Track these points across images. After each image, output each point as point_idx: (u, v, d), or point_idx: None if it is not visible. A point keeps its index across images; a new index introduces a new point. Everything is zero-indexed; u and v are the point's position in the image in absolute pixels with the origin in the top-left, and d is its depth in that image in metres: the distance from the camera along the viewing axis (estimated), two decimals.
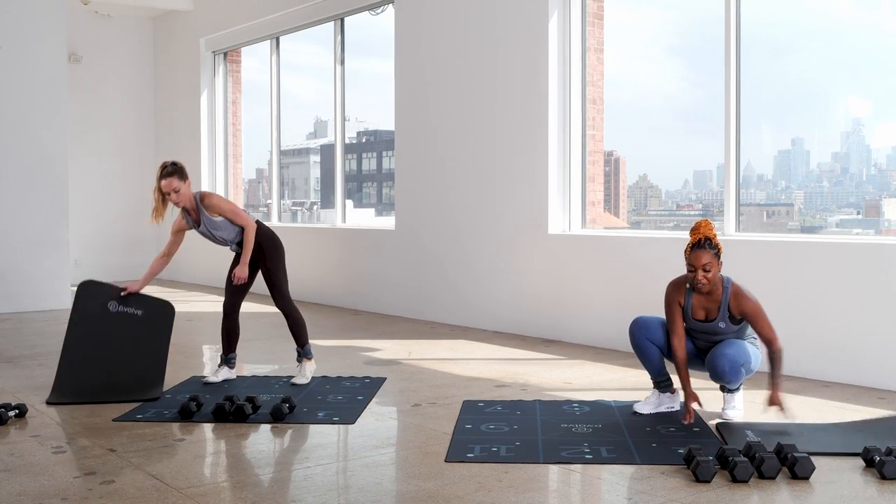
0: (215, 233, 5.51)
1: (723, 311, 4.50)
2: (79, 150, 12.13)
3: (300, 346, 5.64)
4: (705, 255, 4.40)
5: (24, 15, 9.52)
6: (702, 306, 4.54)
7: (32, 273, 9.55)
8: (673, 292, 4.59)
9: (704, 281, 4.40)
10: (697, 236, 4.46)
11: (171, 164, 5.46)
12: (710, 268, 4.40)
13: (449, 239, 8.24)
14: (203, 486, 3.65)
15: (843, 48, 6.57)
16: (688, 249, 4.46)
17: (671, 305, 4.58)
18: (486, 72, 7.80)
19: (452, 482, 3.64)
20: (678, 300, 4.57)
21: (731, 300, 4.48)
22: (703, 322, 4.55)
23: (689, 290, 4.55)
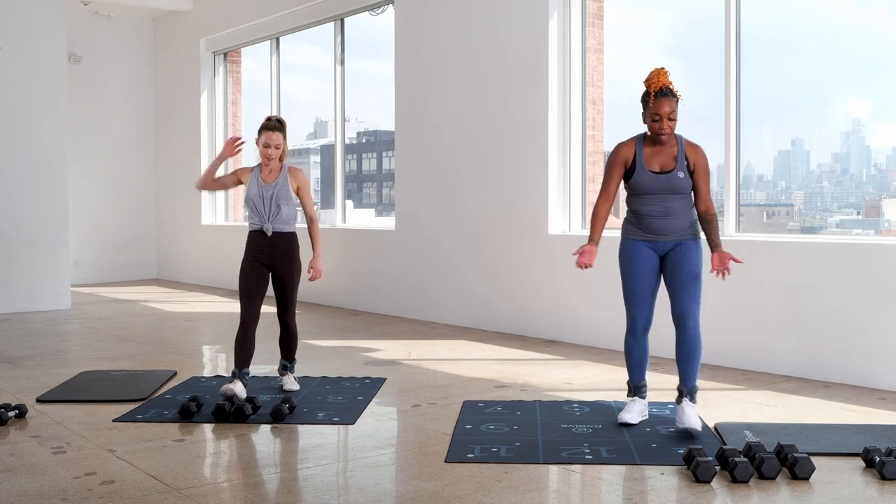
0: (281, 202, 5.16)
1: (680, 161, 4.34)
2: (79, 150, 12.14)
3: (289, 360, 5.44)
4: (669, 103, 4.26)
5: (24, 15, 9.52)
6: (656, 158, 4.37)
7: (32, 273, 9.55)
8: (620, 151, 4.41)
9: (669, 130, 4.28)
10: (658, 84, 4.28)
11: (278, 119, 5.23)
12: (674, 116, 4.28)
13: (449, 239, 8.24)
14: (203, 487, 3.65)
15: (842, 48, 6.57)
16: (650, 98, 4.28)
17: (615, 166, 4.41)
18: (487, 72, 7.80)
19: (452, 482, 3.64)
20: (624, 160, 4.39)
21: (687, 149, 4.37)
22: (660, 174, 4.35)
23: (639, 144, 4.39)
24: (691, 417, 4.26)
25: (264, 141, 5.16)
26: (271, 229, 5.18)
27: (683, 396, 4.37)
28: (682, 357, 4.40)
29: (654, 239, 4.43)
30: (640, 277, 4.46)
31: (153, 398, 5.23)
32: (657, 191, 4.37)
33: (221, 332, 8.16)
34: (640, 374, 4.55)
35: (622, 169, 4.43)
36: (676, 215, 4.39)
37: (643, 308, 4.48)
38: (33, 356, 6.76)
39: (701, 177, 4.39)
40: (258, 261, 5.21)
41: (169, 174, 13.01)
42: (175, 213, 12.89)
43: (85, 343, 7.44)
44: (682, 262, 4.39)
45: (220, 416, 4.66)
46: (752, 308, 6.00)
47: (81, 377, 5.84)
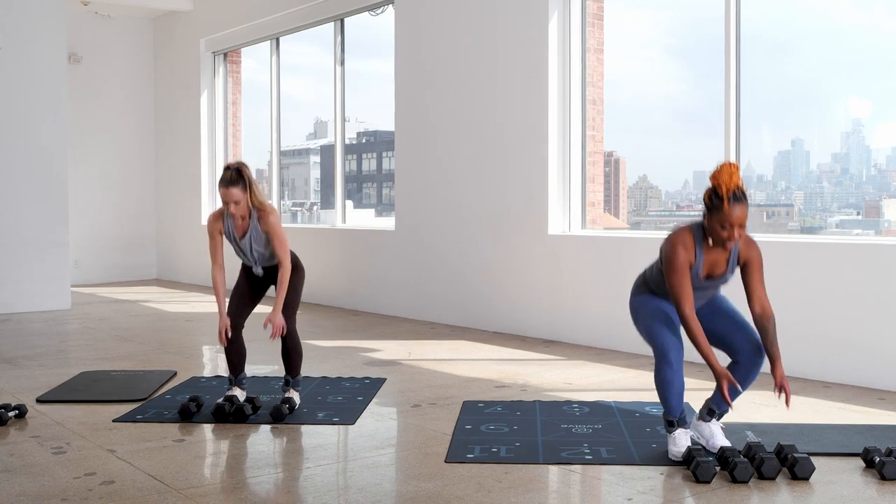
0: (256, 247, 4.85)
1: (732, 264, 3.86)
2: (79, 150, 12.14)
3: (293, 375, 4.98)
4: (744, 209, 3.71)
5: (24, 15, 9.52)
6: (709, 262, 3.87)
7: (32, 273, 9.55)
8: (685, 255, 3.80)
9: (739, 239, 3.75)
10: (730, 187, 3.73)
11: (235, 169, 4.73)
12: (745, 223, 3.73)
13: (449, 239, 8.24)
14: (203, 487, 3.65)
15: (842, 48, 6.57)
16: (724, 204, 3.70)
17: (684, 271, 3.79)
18: (487, 72, 7.80)
19: (452, 483, 3.64)
20: (690, 263, 3.82)
21: (741, 248, 3.85)
22: (709, 278, 3.90)
23: (699, 248, 3.84)
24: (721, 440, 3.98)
25: (222, 198, 4.73)
26: (261, 270, 4.94)
27: (713, 417, 4.05)
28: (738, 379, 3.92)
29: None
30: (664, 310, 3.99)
31: (153, 398, 5.23)
32: (700, 289, 3.95)
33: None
34: (682, 405, 3.96)
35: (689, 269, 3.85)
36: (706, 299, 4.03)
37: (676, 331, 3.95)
38: (33, 356, 6.76)
39: (755, 274, 3.87)
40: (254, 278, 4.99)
41: (169, 174, 13.02)
42: (175, 214, 12.89)
43: (85, 343, 7.44)
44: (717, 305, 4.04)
45: (219, 416, 4.66)
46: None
47: (81, 377, 5.84)
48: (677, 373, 3.88)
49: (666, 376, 3.89)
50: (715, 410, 4.05)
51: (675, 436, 3.93)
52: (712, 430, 4.03)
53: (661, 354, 3.91)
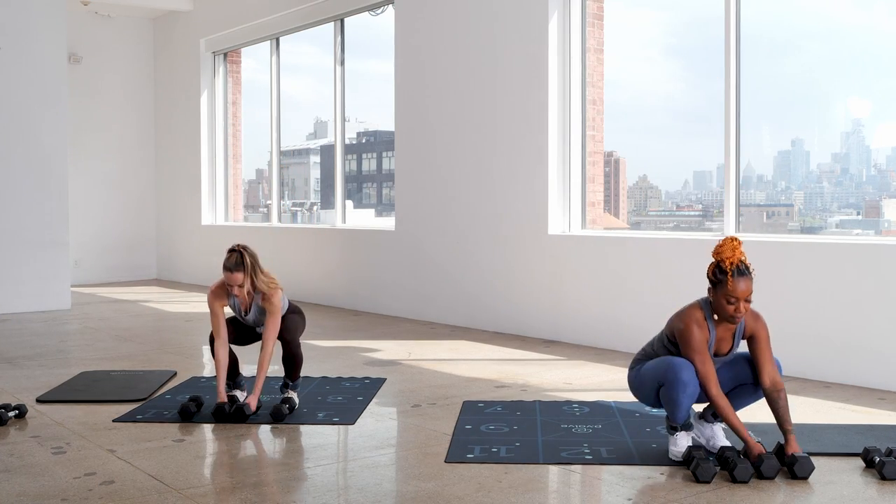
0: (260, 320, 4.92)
1: (737, 339, 3.90)
2: (79, 150, 12.14)
3: (293, 379, 4.93)
4: (748, 283, 3.75)
5: (24, 15, 9.52)
6: (718, 338, 3.88)
7: (32, 273, 9.55)
8: (700, 332, 3.80)
9: (745, 313, 3.77)
10: (733, 262, 3.78)
11: (239, 254, 4.71)
12: (751, 298, 3.78)
13: (449, 239, 8.24)
14: (203, 487, 3.65)
15: (842, 49, 6.57)
16: (728, 279, 3.73)
17: (704, 348, 3.80)
18: (487, 72, 7.80)
19: (452, 483, 3.64)
20: (707, 340, 3.82)
21: (747, 322, 3.88)
22: (720, 356, 3.92)
23: (710, 324, 3.84)
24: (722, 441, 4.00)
25: (227, 282, 4.75)
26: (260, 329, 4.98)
27: (717, 419, 4.03)
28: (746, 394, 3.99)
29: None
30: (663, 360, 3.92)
31: (153, 398, 5.23)
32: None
33: None
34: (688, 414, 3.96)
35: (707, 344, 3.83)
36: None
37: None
38: (33, 356, 6.76)
39: (763, 348, 3.85)
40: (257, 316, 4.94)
41: (169, 174, 13.02)
42: (175, 214, 12.89)
43: (85, 343, 7.44)
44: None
45: (220, 416, 4.66)
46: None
47: (81, 377, 5.84)
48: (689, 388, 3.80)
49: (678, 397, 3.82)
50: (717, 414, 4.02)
51: (676, 437, 3.93)
52: (714, 431, 4.04)
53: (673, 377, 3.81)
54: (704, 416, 4.08)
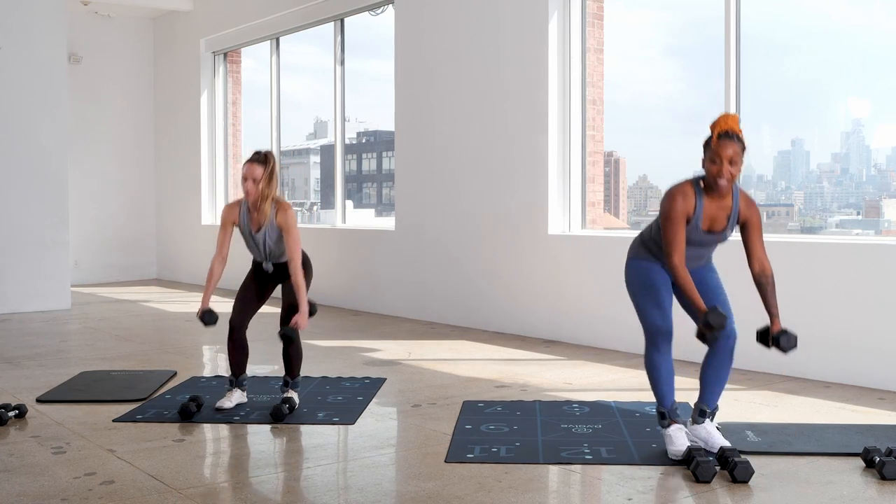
0: (270, 243, 4.86)
1: (733, 220, 3.91)
2: (78, 150, 12.13)
3: (292, 376, 4.97)
4: (733, 146, 3.80)
5: (24, 15, 9.52)
6: (710, 214, 3.89)
7: (32, 273, 9.55)
8: (683, 205, 3.83)
9: (729, 177, 3.79)
10: (724, 128, 3.84)
11: (263, 154, 4.86)
12: (737, 161, 3.81)
13: (449, 239, 8.24)
14: (203, 486, 3.65)
15: (842, 49, 6.57)
16: (713, 139, 3.83)
17: (680, 220, 3.83)
18: (487, 72, 7.80)
19: (452, 483, 3.64)
20: (687, 213, 3.84)
21: (742, 205, 3.92)
22: (709, 232, 3.92)
23: (698, 197, 3.87)
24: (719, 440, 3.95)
25: (243, 172, 4.82)
26: (271, 266, 4.94)
27: (707, 417, 4.02)
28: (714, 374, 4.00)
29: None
30: (658, 286, 3.99)
31: (153, 398, 5.23)
32: (699, 245, 3.97)
33: (221, 332, 8.14)
34: (673, 394, 4.01)
35: (685, 221, 3.87)
36: (703, 260, 4.06)
37: (664, 315, 3.98)
38: (33, 356, 6.76)
39: (754, 234, 3.94)
40: (262, 276, 4.98)
41: (169, 174, 13.02)
42: (175, 213, 12.89)
43: (85, 343, 7.44)
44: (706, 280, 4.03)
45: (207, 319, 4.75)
46: (751, 308, 5.99)
47: (81, 377, 5.84)
48: (665, 357, 3.97)
49: (654, 360, 3.99)
50: (706, 410, 4.03)
51: (670, 434, 3.95)
52: (708, 431, 4.01)
53: (650, 338, 4.00)
54: (694, 418, 4.06)
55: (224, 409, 4.87)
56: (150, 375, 5.89)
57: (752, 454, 3.94)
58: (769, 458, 3.94)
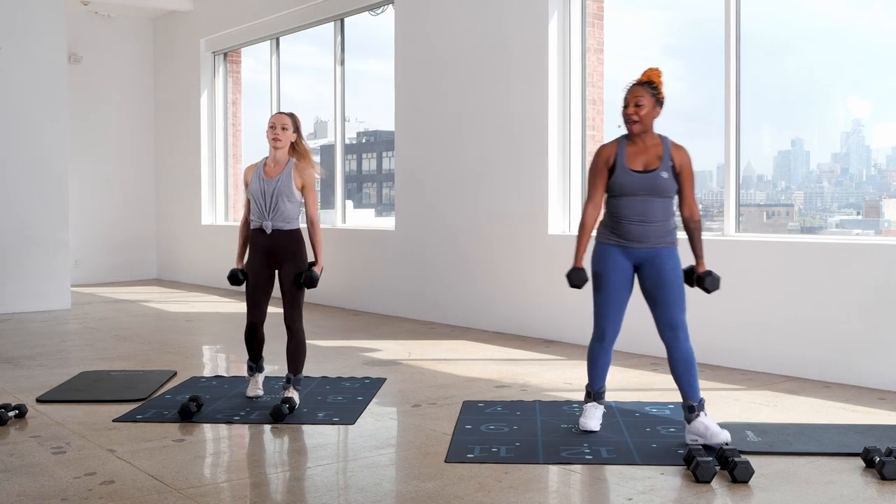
0: (282, 198, 4.84)
1: (665, 161, 4.18)
2: (79, 150, 12.14)
3: (295, 373, 4.98)
4: (639, 89, 4.20)
5: (24, 15, 9.52)
6: (639, 157, 4.21)
7: (32, 273, 9.55)
8: (602, 152, 4.27)
9: (635, 116, 4.16)
10: (641, 79, 4.27)
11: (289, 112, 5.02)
12: (643, 102, 4.17)
13: (449, 239, 8.24)
14: (203, 486, 3.65)
15: (842, 49, 6.57)
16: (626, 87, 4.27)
17: (599, 170, 4.25)
18: (486, 72, 7.80)
19: (452, 483, 3.64)
20: (606, 160, 4.23)
21: (672, 150, 4.21)
22: (643, 172, 4.17)
23: (621, 144, 4.25)
24: (718, 432, 4.04)
25: (270, 122, 4.90)
26: (270, 226, 4.87)
27: (697, 412, 4.12)
28: (681, 371, 4.16)
29: (629, 246, 4.21)
30: (613, 286, 4.24)
31: (153, 398, 5.23)
32: (638, 191, 4.17)
33: (221, 332, 8.17)
34: (604, 380, 4.40)
35: (606, 171, 4.24)
36: (655, 221, 4.19)
37: (615, 320, 4.29)
38: (33, 356, 6.76)
39: (686, 180, 4.24)
40: (263, 264, 4.95)
41: (169, 174, 13.02)
42: (175, 213, 12.89)
43: (85, 343, 7.44)
44: (663, 271, 4.19)
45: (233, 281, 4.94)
46: (752, 308, 6.00)
47: (81, 377, 5.84)
48: (607, 351, 4.36)
49: (596, 352, 4.36)
50: (693, 405, 4.13)
51: (586, 408, 4.41)
52: (705, 425, 4.07)
53: (598, 334, 4.33)
54: (687, 417, 4.16)
55: (259, 397, 5.15)
56: (150, 375, 5.89)
57: (752, 454, 3.95)
58: (769, 458, 3.94)
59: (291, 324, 4.96)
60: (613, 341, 4.34)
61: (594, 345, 4.36)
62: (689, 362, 4.15)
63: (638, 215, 4.18)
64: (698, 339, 6.25)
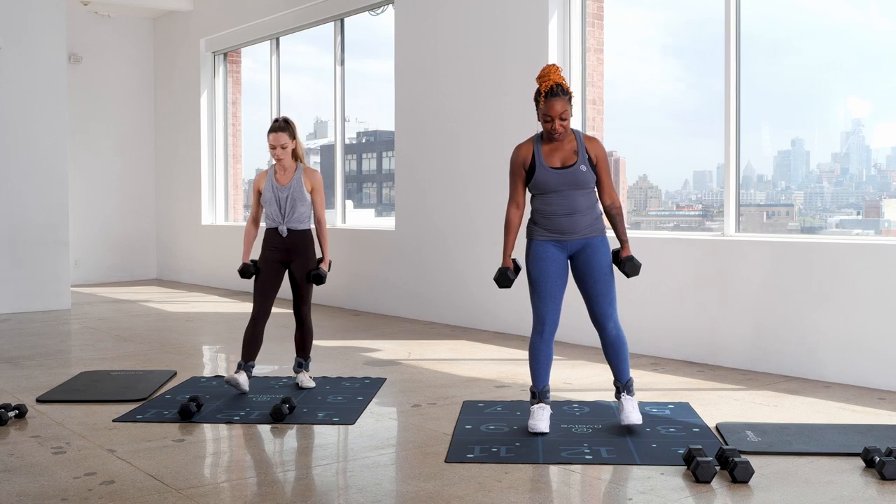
0: (296, 202, 5.30)
1: (581, 155, 4.32)
2: (79, 150, 12.14)
3: (304, 358, 5.53)
4: (560, 103, 4.27)
5: (24, 15, 9.52)
6: (556, 154, 4.35)
7: (32, 273, 9.55)
8: (518, 154, 4.41)
9: (561, 130, 4.28)
10: (548, 83, 4.29)
11: (283, 119, 5.35)
12: (566, 115, 4.28)
13: (449, 239, 8.24)
14: (203, 487, 3.65)
15: (842, 49, 6.57)
16: (541, 99, 4.30)
17: (517, 171, 4.41)
18: (486, 72, 7.80)
19: (452, 483, 3.64)
20: (523, 161, 4.38)
21: (586, 143, 4.36)
22: (561, 169, 4.32)
23: (537, 143, 4.39)
24: (631, 414, 4.37)
25: (270, 143, 5.29)
26: (286, 230, 5.32)
27: (621, 392, 4.45)
28: (610, 356, 4.47)
29: (561, 239, 4.37)
30: (548, 277, 4.37)
31: (153, 398, 5.23)
32: (560, 187, 4.33)
33: (221, 332, 8.16)
34: (547, 378, 4.45)
35: (523, 170, 4.40)
36: (581, 212, 4.35)
37: (553, 311, 4.41)
38: (33, 356, 6.76)
39: (602, 169, 4.39)
40: (274, 259, 5.35)
41: (169, 174, 13.02)
42: (175, 213, 12.89)
43: (85, 343, 7.44)
44: (592, 263, 4.38)
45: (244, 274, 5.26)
46: (752, 308, 6.00)
47: (81, 377, 5.84)
48: (548, 345, 4.42)
49: (537, 346, 4.42)
50: (619, 385, 4.47)
51: (533, 410, 4.39)
52: (623, 405, 4.42)
53: (537, 327, 4.41)
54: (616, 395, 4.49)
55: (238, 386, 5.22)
56: (150, 375, 5.89)
57: (752, 454, 3.95)
58: (769, 458, 3.95)
59: (303, 315, 5.44)
60: (553, 334, 4.44)
61: (534, 339, 4.43)
62: (617, 348, 4.44)
63: (565, 208, 4.34)
64: (698, 339, 6.26)
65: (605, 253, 4.42)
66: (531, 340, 4.46)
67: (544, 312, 4.40)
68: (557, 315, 4.43)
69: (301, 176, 5.33)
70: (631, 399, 4.43)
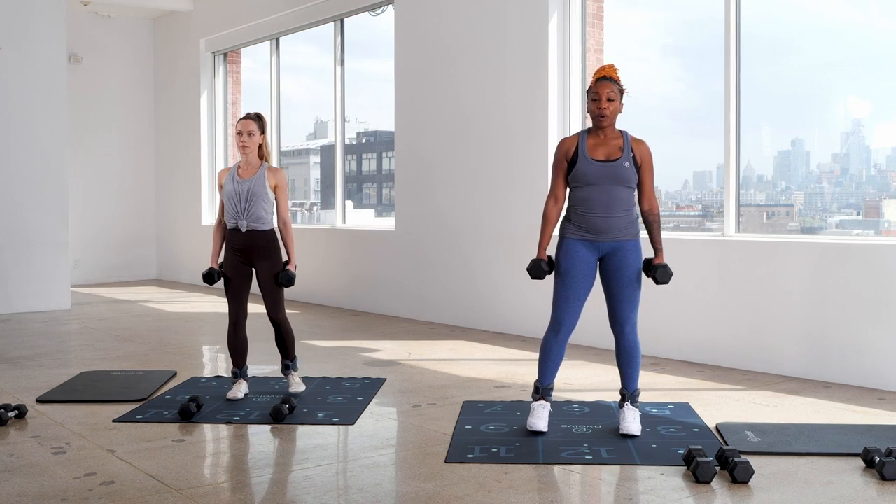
0: (256, 198, 5.04)
1: (626, 151, 4.29)
2: (79, 150, 12.14)
3: (289, 359, 5.33)
4: (609, 86, 4.28)
5: (24, 15, 9.52)
6: (600, 149, 4.30)
7: (32, 273, 9.55)
8: (562, 146, 4.37)
9: (608, 112, 4.24)
10: (603, 71, 4.34)
11: (256, 113, 5.17)
12: (614, 97, 4.26)
13: (449, 239, 8.24)
14: (203, 487, 3.65)
15: (842, 48, 6.57)
16: (593, 82, 4.32)
17: (559, 163, 4.36)
18: (486, 72, 7.80)
19: (452, 483, 3.64)
20: (566, 152, 4.33)
21: (633, 142, 4.33)
22: (605, 162, 4.27)
23: (582, 136, 4.35)
24: (631, 425, 4.30)
25: (237, 129, 5.09)
26: (246, 226, 5.06)
27: (626, 400, 4.39)
28: (623, 362, 4.40)
29: (593, 239, 4.31)
30: (574, 280, 4.32)
31: (153, 398, 5.23)
32: (600, 180, 4.26)
33: (221, 333, 8.16)
34: (553, 377, 4.44)
35: (565, 162, 4.34)
36: (617, 212, 4.28)
37: (573, 311, 4.36)
38: (33, 356, 6.76)
39: (646, 172, 4.35)
40: (237, 261, 5.14)
41: (169, 174, 13.02)
42: (175, 213, 12.90)
43: (85, 343, 7.44)
44: (622, 268, 4.32)
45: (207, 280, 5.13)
46: (752, 308, 6.00)
47: (81, 377, 5.84)
48: (561, 345, 4.38)
49: (550, 344, 4.38)
50: (624, 393, 4.42)
51: (534, 407, 4.39)
52: (625, 415, 4.36)
53: (554, 325, 4.37)
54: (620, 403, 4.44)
55: (238, 399, 5.12)
56: (150, 375, 5.89)
57: (752, 454, 3.95)
58: (769, 458, 3.95)
59: (276, 318, 5.21)
60: (569, 335, 4.39)
61: (549, 336, 4.39)
62: (632, 357, 4.39)
63: (602, 208, 4.28)
64: (698, 339, 6.26)
65: (637, 258, 4.34)
66: (545, 337, 4.40)
67: (565, 312, 4.34)
68: (577, 317, 4.37)
69: (265, 172, 5.09)
70: (634, 410, 4.37)
